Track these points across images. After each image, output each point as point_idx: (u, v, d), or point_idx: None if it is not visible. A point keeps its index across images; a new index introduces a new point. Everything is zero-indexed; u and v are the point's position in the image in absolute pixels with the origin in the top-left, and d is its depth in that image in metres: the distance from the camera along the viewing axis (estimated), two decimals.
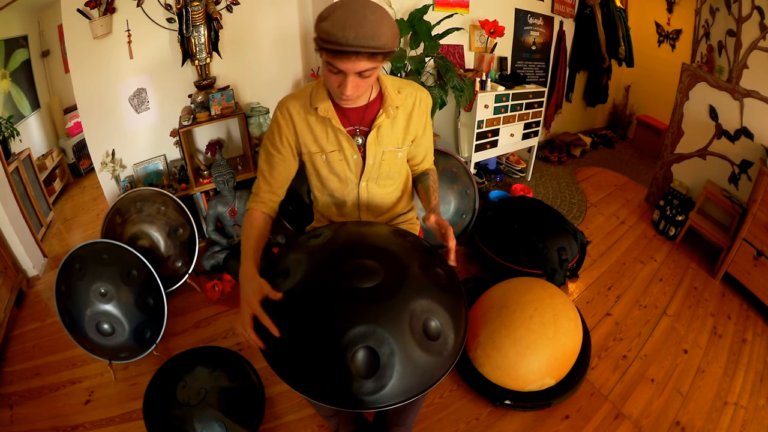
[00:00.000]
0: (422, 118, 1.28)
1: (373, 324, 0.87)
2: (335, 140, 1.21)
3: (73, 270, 1.87)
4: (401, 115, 1.24)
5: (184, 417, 1.47)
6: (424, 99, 1.27)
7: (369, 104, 1.21)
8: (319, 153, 1.23)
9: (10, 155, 2.89)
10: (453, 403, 1.82)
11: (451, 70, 2.63)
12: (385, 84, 1.20)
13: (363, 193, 1.30)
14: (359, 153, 1.23)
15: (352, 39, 0.91)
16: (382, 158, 1.25)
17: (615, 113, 5.26)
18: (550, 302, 1.78)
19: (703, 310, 2.44)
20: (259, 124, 2.79)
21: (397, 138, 1.26)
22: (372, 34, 0.93)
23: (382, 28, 0.94)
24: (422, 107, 1.27)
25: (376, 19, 0.94)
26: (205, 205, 2.69)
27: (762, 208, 2.36)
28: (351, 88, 1.03)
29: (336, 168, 1.25)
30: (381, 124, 1.21)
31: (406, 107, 1.24)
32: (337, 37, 0.92)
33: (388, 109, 1.19)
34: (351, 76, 1.01)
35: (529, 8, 3.63)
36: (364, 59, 0.96)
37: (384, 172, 1.28)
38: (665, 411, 1.82)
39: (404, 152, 1.30)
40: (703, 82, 2.92)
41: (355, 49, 0.93)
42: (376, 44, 0.94)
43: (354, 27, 0.91)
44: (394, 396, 0.85)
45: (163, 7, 2.32)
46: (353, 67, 0.98)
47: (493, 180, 3.65)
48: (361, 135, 1.22)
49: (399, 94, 1.22)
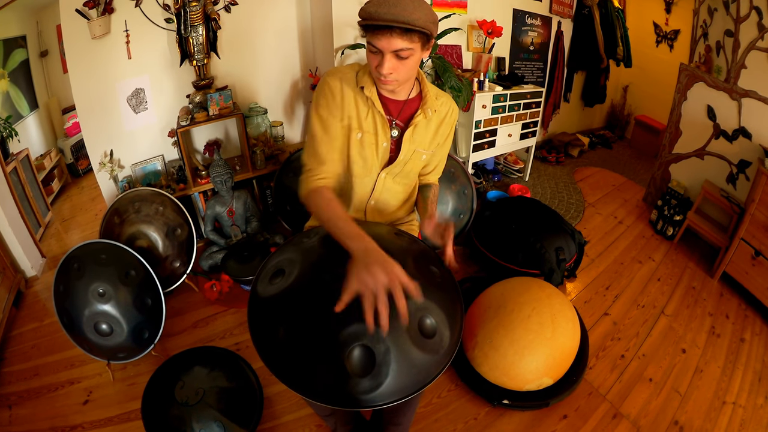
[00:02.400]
0: (449, 128, 1.34)
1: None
2: (373, 123, 1.23)
3: (71, 270, 1.87)
4: (435, 120, 1.29)
5: (183, 417, 1.47)
6: (455, 111, 1.34)
7: (408, 101, 1.25)
8: (357, 129, 1.23)
9: (9, 155, 2.89)
10: (451, 403, 1.82)
11: (449, 70, 2.63)
12: (427, 86, 1.26)
13: (379, 184, 1.32)
14: (390, 143, 1.26)
15: (384, 14, 1.00)
16: (411, 157, 1.30)
17: (613, 113, 5.27)
18: (548, 302, 1.78)
19: (701, 309, 2.44)
20: (257, 125, 2.79)
21: (427, 140, 1.31)
22: (404, 11, 1.00)
23: (416, 9, 1.01)
24: (452, 118, 1.33)
25: (411, 3, 1.01)
26: (203, 206, 2.69)
27: (760, 208, 2.36)
28: (388, 67, 1.07)
29: (366, 151, 1.26)
30: (418, 123, 1.26)
31: (441, 114, 1.30)
32: (371, 12, 1.01)
33: (427, 111, 1.24)
34: (388, 55, 1.06)
35: (527, 8, 3.63)
36: (398, 36, 1.02)
37: (406, 170, 1.32)
38: (663, 410, 1.83)
39: (428, 156, 1.35)
40: (701, 82, 2.93)
41: (388, 23, 1.00)
42: (407, 19, 1.00)
43: (388, 5, 1.00)
44: (390, 394, 0.85)
45: (162, 7, 2.32)
46: (388, 44, 1.03)
47: (490, 180, 3.65)
48: (397, 128, 1.26)
49: (437, 99, 1.28)
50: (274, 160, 2.82)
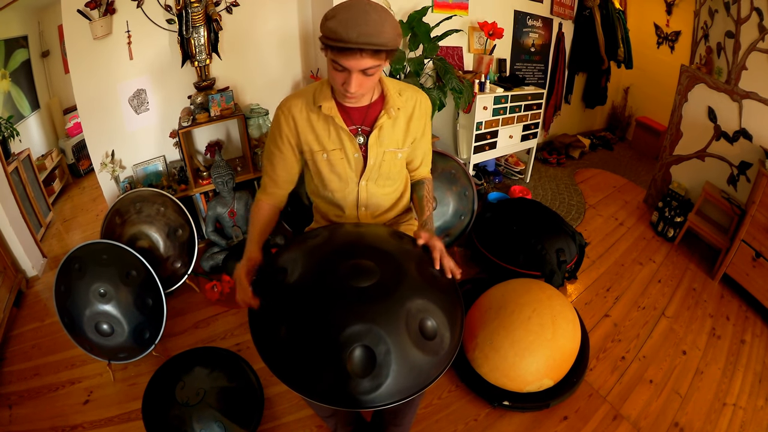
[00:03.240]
0: (422, 120, 1.31)
1: (370, 323, 0.87)
2: (337, 138, 1.22)
3: (72, 270, 1.87)
4: (402, 117, 1.26)
5: (183, 417, 1.47)
6: (424, 102, 1.30)
7: (371, 104, 1.23)
8: (320, 151, 1.24)
9: (10, 155, 2.89)
10: (451, 404, 1.82)
11: (450, 71, 2.63)
12: (387, 86, 1.23)
13: (362, 193, 1.32)
14: (360, 152, 1.25)
15: (356, 37, 0.96)
16: (383, 158, 1.27)
17: (614, 115, 5.27)
18: (549, 303, 1.78)
19: (702, 311, 2.44)
20: (259, 126, 2.79)
21: (398, 139, 1.28)
22: (375, 32, 0.96)
23: (384, 27, 0.98)
24: (422, 110, 1.30)
25: (379, 19, 0.97)
26: (204, 206, 2.69)
27: (761, 210, 2.36)
28: (355, 85, 1.05)
29: (337, 167, 1.26)
30: (383, 125, 1.23)
31: (407, 109, 1.27)
32: (341, 35, 0.96)
33: (390, 110, 1.22)
34: (355, 74, 1.04)
35: (528, 10, 3.63)
36: (368, 56, 0.99)
37: (384, 173, 1.30)
38: (664, 412, 1.82)
39: (404, 153, 1.32)
40: (702, 83, 2.93)
41: (359, 46, 0.96)
42: (378, 42, 0.97)
43: (357, 25, 0.96)
44: (390, 395, 0.85)
45: (163, 8, 2.33)
46: (357, 64, 1.01)
47: (491, 181, 3.66)
48: (362, 134, 1.24)
49: (400, 96, 1.25)
50: None
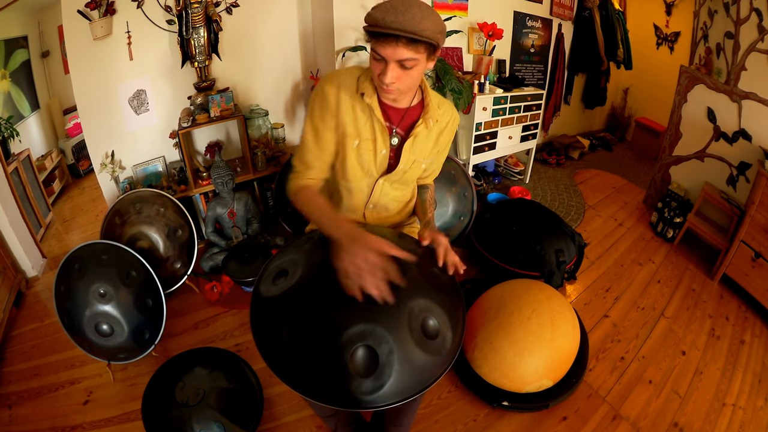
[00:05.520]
0: (449, 136, 1.33)
1: (372, 323, 0.87)
2: (372, 130, 1.21)
3: (72, 270, 1.87)
4: (435, 129, 1.27)
5: (183, 417, 1.47)
6: (456, 120, 1.32)
7: (410, 108, 1.22)
8: (353, 137, 1.21)
9: (10, 156, 2.89)
10: (451, 405, 1.82)
11: (449, 72, 2.64)
12: (429, 95, 1.23)
13: (377, 190, 1.31)
14: (389, 150, 1.24)
15: (391, 22, 0.96)
16: (410, 166, 1.28)
17: (613, 115, 5.28)
18: (548, 304, 1.79)
19: (701, 311, 2.44)
20: (258, 126, 2.79)
21: (427, 150, 1.29)
22: (412, 21, 0.97)
23: (423, 20, 0.98)
24: (453, 126, 1.32)
25: (420, 11, 0.98)
26: (204, 207, 2.69)
27: (760, 210, 2.37)
28: (390, 76, 1.04)
29: (363, 158, 1.24)
30: (419, 133, 1.23)
31: (441, 124, 1.28)
32: (378, 19, 0.98)
33: (429, 120, 1.22)
34: (391, 64, 1.03)
35: (528, 11, 3.64)
36: (403, 46, 0.99)
37: (405, 178, 1.31)
38: (663, 412, 1.83)
39: (427, 165, 1.34)
40: (702, 84, 2.93)
41: (394, 32, 0.97)
42: (414, 29, 0.97)
43: (396, 13, 0.97)
44: (392, 395, 0.85)
45: (163, 8, 2.33)
46: (393, 53, 1.00)
47: (491, 182, 3.66)
48: (397, 135, 1.24)
49: (439, 108, 1.25)
50: (275, 161, 2.83)
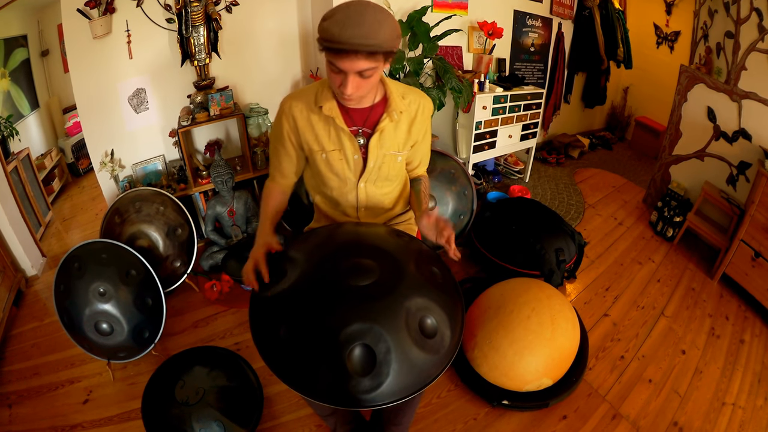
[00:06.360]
0: (424, 124, 1.30)
1: (370, 321, 0.87)
2: (337, 139, 1.22)
3: (71, 269, 1.87)
4: (404, 120, 1.26)
5: (183, 416, 1.47)
6: (427, 106, 1.29)
7: (373, 106, 1.22)
8: (319, 152, 1.24)
9: (9, 155, 2.89)
10: (450, 403, 1.82)
11: (449, 71, 2.63)
12: (390, 88, 1.22)
13: (361, 194, 1.32)
14: (360, 153, 1.24)
15: (349, 37, 0.94)
16: (383, 161, 1.27)
17: (613, 115, 5.27)
18: (548, 303, 1.78)
19: (701, 311, 2.44)
20: (258, 125, 2.79)
21: (399, 142, 1.28)
22: (369, 34, 0.95)
23: (381, 28, 0.96)
24: (425, 114, 1.29)
25: (375, 20, 0.96)
26: (203, 206, 2.69)
27: (760, 210, 2.36)
28: (351, 87, 1.04)
29: (335, 167, 1.26)
30: (384, 128, 1.22)
31: (410, 113, 1.26)
32: (335, 35, 0.95)
33: (392, 114, 1.21)
34: (351, 75, 1.02)
35: (528, 10, 3.63)
36: (362, 58, 0.98)
37: (383, 175, 1.30)
38: (663, 411, 1.83)
39: (404, 156, 1.32)
40: (702, 83, 2.93)
41: (353, 48, 0.95)
42: (373, 43, 0.96)
43: (352, 26, 0.94)
44: (391, 394, 0.85)
45: (163, 7, 2.33)
46: (352, 66, 0.99)
47: (491, 181, 3.66)
48: (363, 136, 1.24)
49: (403, 99, 1.24)
50: None
